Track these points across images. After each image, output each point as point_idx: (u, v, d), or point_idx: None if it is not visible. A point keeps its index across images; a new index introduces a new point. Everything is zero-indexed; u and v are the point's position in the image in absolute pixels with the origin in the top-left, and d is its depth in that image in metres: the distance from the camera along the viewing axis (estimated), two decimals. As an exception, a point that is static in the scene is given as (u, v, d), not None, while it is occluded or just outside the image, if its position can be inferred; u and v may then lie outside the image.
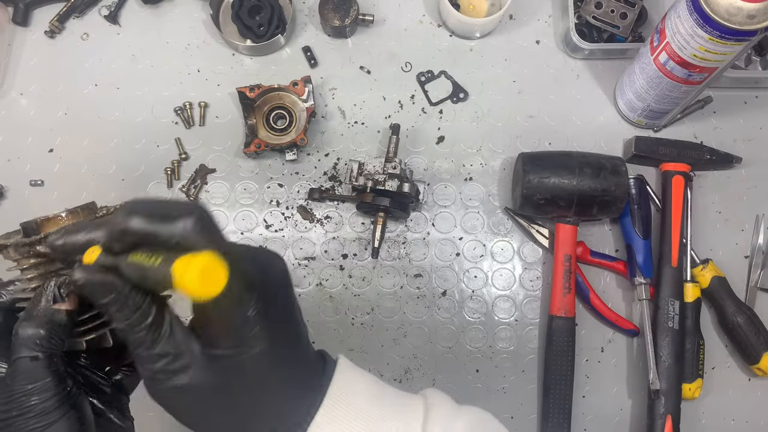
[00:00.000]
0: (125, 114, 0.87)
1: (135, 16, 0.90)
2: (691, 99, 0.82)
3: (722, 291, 0.82)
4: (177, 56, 0.89)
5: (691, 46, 0.69)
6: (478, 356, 0.83)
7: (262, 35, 0.87)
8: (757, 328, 0.80)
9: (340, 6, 0.86)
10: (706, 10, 0.65)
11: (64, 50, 0.89)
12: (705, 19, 0.66)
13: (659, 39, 0.74)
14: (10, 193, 0.85)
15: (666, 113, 0.84)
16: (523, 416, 0.82)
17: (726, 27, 0.65)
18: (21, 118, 0.87)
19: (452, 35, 0.91)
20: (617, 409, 0.82)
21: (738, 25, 0.64)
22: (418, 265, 0.85)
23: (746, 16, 0.64)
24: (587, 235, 0.86)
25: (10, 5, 0.88)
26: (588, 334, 0.84)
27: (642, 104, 0.83)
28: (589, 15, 0.87)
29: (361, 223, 0.85)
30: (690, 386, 0.79)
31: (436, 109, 0.89)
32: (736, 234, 0.87)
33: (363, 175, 0.80)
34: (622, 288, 0.85)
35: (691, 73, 0.73)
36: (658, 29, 0.75)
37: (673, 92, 0.78)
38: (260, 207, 0.85)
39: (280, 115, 0.85)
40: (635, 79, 0.81)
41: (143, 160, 0.86)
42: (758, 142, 0.89)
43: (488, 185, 0.87)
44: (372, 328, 0.83)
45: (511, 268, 0.85)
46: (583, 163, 0.79)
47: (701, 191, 0.87)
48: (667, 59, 0.74)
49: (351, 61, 0.90)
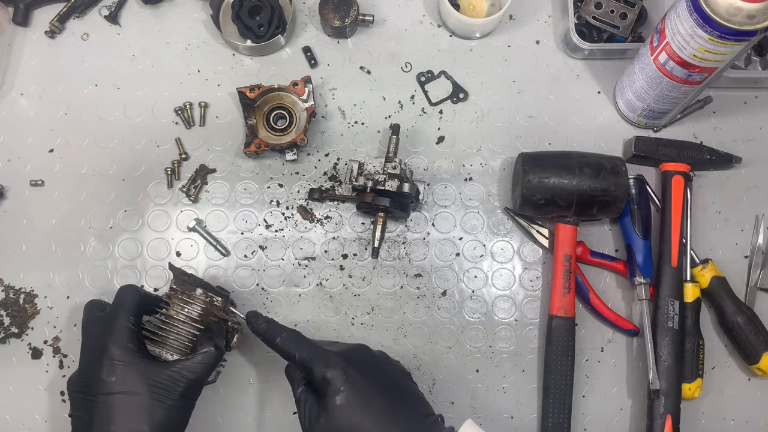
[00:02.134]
0: (125, 114, 0.87)
1: (135, 17, 0.90)
2: (691, 99, 0.82)
3: (722, 291, 0.82)
4: (177, 56, 0.89)
5: (691, 47, 0.69)
6: (478, 356, 0.83)
7: (262, 35, 0.87)
8: (756, 328, 0.80)
9: (340, 6, 0.86)
10: (706, 11, 0.65)
11: (64, 50, 0.89)
12: (705, 20, 0.66)
13: (659, 39, 0.74)
14: (10, 193, 0.85)
15: (666, 113, 0.84)
16: (523, 416, 0.82)
17: (726, 27, 0.65)
18: (21, 118, 0.87)
19: (452, 35, 0.91)
20: (617, 409, 0.82)
21: (738, 25, 0.65)
22: (418, 265, 0.85)
23: (746, 16, 0.64)
24: (587, 235, 0.86)
25: (11, 5, 0.88)
26: (588, 334, 0.84)
27: (642, 104, 0.83)
28: (589, 15, 0.87)
29: (361, 223, 0.85)
30: (690, 386, 0.79)
31: (436, 109, 0.89)
32: (735, 234, 0.87)
33: (363, 175, 0.80)
34: (622, 288, 0.85)
35: (690, 73, 0.73)
36: (657, 29, 0.75)
37: (672, 92, 0.78)
38: (260, 207, 0.85)
39: (280, 115, 0.85)
40: (635, 79, 0.81)
41: (143, 160, 0.86)
42: (758, 142, 0.89)
43: (488, 185, 0.87)
44: (372, 328, 0.83)
45: (511, 268, 0.85)
46: (583, 163, 0.79)
47: (701, 191, 0.87)
48: (667, 59, 0.74)
49: (351, 61, 0.90)
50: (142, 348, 0.67)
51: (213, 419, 0.80)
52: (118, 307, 0.68)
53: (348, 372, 0.63)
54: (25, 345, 0.81)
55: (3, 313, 0.82)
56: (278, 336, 0.68)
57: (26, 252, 0.83)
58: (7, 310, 0.82)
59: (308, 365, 0.65)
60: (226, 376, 0.80)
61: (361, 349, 0.70)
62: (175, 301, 0.70)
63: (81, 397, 0.65)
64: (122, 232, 0.84)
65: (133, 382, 0.64)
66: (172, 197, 0.85)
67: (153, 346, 0.69)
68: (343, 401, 0.62)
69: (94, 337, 0.68)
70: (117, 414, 0.63)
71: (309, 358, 0.65)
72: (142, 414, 0.63)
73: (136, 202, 0.85)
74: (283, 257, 0.84)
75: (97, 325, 0.69)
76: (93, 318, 0.70)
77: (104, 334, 0.66)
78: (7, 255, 0.83)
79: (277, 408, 0.81)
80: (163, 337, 0.69)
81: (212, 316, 0.72)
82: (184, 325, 0.70)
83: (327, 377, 0.63)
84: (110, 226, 0.84)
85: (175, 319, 0.70)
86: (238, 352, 0.81)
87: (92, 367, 0.65)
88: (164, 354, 0.69)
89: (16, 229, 0.84)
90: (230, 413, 0.80)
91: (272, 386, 0.81)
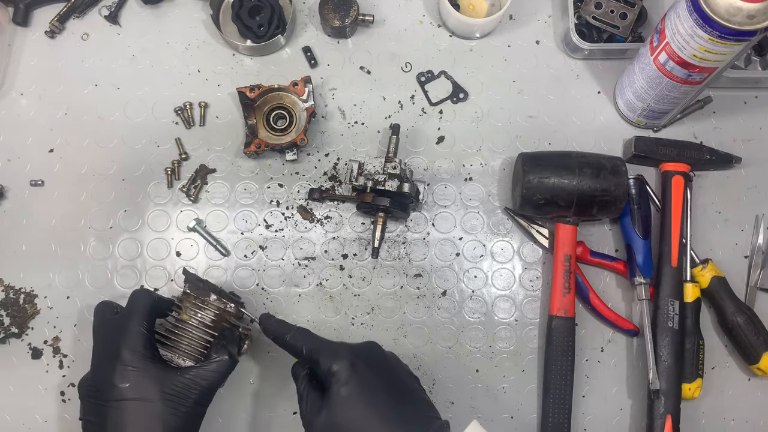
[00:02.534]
0: (125, 114, 0.87)
1: (135, 16, 0.90)
2: (691, 99, 0.82)
3: (722, 291, 0.82)
4: (177, 56, 0.89)
5: (691, 47, 0.69)
6: (478, 356, 0.83)
7: (262, 35, 0.87)
8: (756, 328, 0.80)
9: (340, 6, 0.86)
10: (706, 11, 0.65)
11: (64, 50, 0.89)
12: (705, 20, 0.66)
13: (659, 39, 0.74)
14: (10, 193, 0.85)
15: (666, 113, 0.84)
16: (523, 416, 0.82)
17: (726, 27, 0.65)
18: (21, 118, 0.87)
19: (452, 35, 0.91)
20: (617, 409, 0.82)
21: (738, 25, 0.64)
22: (418, 265, 0.85)
23: (746, 16, 0.64)
24: (587, 235, 0.86)
25: (10, 5, 0.88)
26: (588, 334, 0.84)
27: (642, 104, 0.83)
28: (589, 15, 0.87)
29: (361, 223, 0.85)
30: (690, 386, 0.79)
31: (436, 109, 0.89)
32: (735, 234, 0.87)
33: (363, 175, 0.80)
34: (622, 288, 0.85)
35: (690, 73, 0.73)
36: (657, 29, 0.75)
37: (672, 92, 0.78)
38: (260, 207, 0.85)
39: (280, 115, 0.85)
40: (635, 79, 0.81)
41: (143, 160, 0.86)
42: (758, 142, 0.89)
43: (488, 185, 0.87)
44: (372, 328, 0.83)
45: (511, 268, 0.85)
46: (583, 163, 0.79)
47: (701, 191, 0.87)
48: (667, 59, 0.74)
49: (351, 61, 0.90)
50: (156, 354, 0.67)
51: (213, 419, 0.80)
52: (131, 312, 0.67)
53: (355, 364, 0.63)
54: (25, 345, 0.81)
55: (3, 313, 0.82)
56: (288, 333, 0.68)
57: (26, 252, 0.83)
58: (7, 310, 0.82)
59: (315, 357, 0.64)
60: (226, 376, 0.80)
61: (371, 346, 0.69)
62: (188, 306, 0.70)
63: (93, 402, 0.64)
64: (122, 232, 0.84)
65: (147, 388, 0.63)
66: (172, 197, 0.85)
67: (165, 350, 0.68)
68: (348, 393, 0.61)
69: (107, 341, 0.67)
70: (129, 421, 0.62)
71: (316, 350, 0.65)
72: (155, 421, 0.62)
73: (136, 202, 0.85)
74: (283, 257, 0.84)
75: (110, 328, 0.68)
76: (105, 320, 0.69)
77: (117, 339, 0.65)
78: (7, 255, 0.83)
79: (277, 408, 0.81)
80: (176, 342, 0.69)
81: (225, 322, 0.72)
82: (198, 331, 0.69)
83: (333, 369, 0.62)
84: (110, 226, 0.84)
85: (188, 324, 0.69)
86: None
87: (105, 372, 0.64)
88: (176, 359, 0.68)
89: (16, 229, 0.84)
90: (230, 413, 0.80)
91: (272, 386, 0.81)
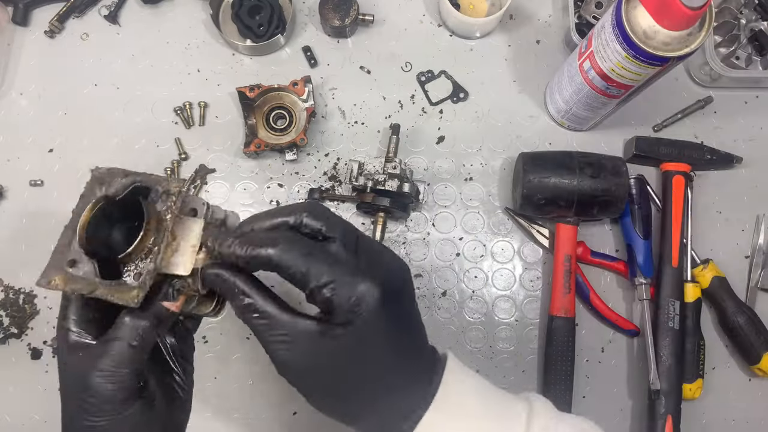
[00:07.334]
0: (125, 114, 0.87)
1: (135, 16, 0.90)
2: (610, 112, 0.81)
3: (723, 291, 0.82)
4: (177, 56, 0.89)
5: (611, 60, 0.68)
6: (478, 356, 0.83)
7: (262, 35, 0.87)
8: (757, 328, 0.80)
9: (340, 6, 0.86)
10: (625, 28, 0.63)
11: (64, 50, 0.89)
12: (624, 36, 0.64)
13: (587, 46, 0.73)
14: (10, 193, 0.85)
15: (587, 120, 0.84)
16: (523, 416, 0.82)
17: (640, 48, 0.63)
18: (21, 118, 0.87)
19: (452, 35, 0.91)
20: (617, 410, 0.82)
21: (652, 49, 0.63)
22: (418, 265, 0.84)
23: (662, 42, 0.63)
24: (587, 235, 0.85)
25: (10, 5, 0.88)
26: (588, 334, 0.84)
27: (566, 107, 0.82)
28: (589, 15, 0.87)
29: (361, 223, 0.85)
30: (690, 386, 0.79)
31: (436, 109, 0.89)
32: (736, 234, 0.87)
33: (363, 175, 0.80)
34: (623, 288, 0.85)
35: (609, 86, 0.72)
36: (587, 36, 0.73)
37: (592, 101, 0.77)
38: (260, 207, 0.85)
39: (280, 115, 0.85)
40: (563, 80, 0.81)
41: (143, 160, 0.86)
42: (759, 142, 0.89)
43: (488, 185, 0.87)
44: (372, 328, 0.83)
45: (511, 268, 0.85)
46: (584, 163, 0.79)
47: (701, 191, 0.87)
48: (590, 68, 0.72)
49: (351, 61, 0.90)
50: None
51: (213, 419, 0.80)
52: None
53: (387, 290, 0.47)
54: (25, 345, 0.81)
55: (3, 314, 0.82)
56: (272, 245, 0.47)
57: (26, 252, 0.83)
58: (7, 311, 0.82)
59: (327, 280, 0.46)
60: (226, 376, 0.80)
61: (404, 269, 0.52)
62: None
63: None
64: (122, 232, 0.84)
65: None
66: (171, 197, 0.85)
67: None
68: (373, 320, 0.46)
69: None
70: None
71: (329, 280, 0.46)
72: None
73: (136, 202, 0.85)
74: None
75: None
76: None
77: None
78: (7, 255, 0.83)
79: (277, 408, 0.81)
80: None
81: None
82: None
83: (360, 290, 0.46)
84: (110, 226, 0.84)
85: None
86: (236, 350, 0.81)
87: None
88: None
89: (16, 229, 0.84)
90: (230, 413, 0.80)
91: (272, 386, 0.81)
